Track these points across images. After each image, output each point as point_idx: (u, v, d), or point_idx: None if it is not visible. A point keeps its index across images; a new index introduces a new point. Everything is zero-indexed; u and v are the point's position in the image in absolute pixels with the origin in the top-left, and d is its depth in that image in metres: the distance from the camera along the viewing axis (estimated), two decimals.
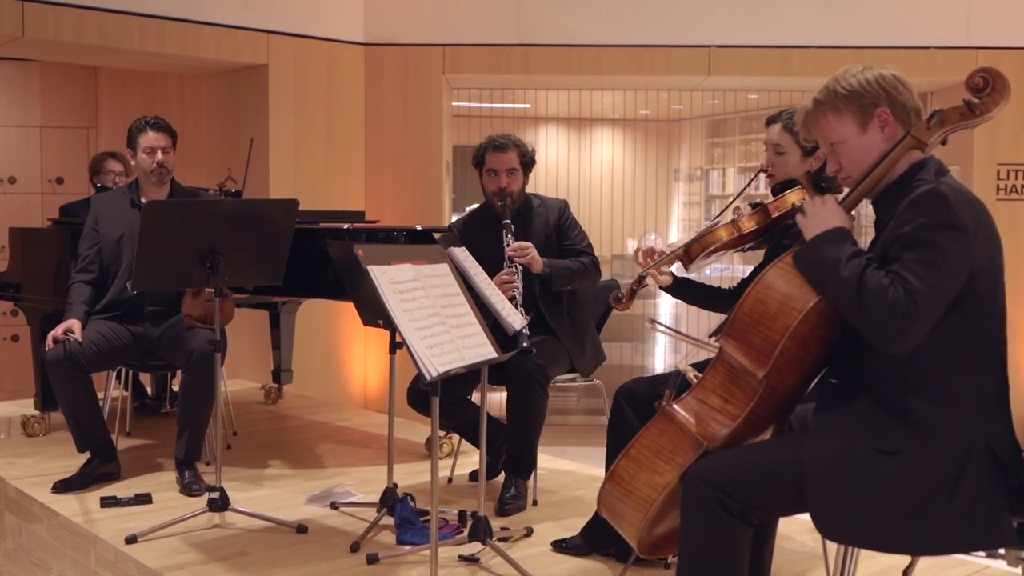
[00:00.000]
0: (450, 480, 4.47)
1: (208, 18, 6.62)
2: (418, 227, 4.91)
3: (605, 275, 4.58)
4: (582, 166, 11.34)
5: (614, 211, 10.69)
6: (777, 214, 2.91)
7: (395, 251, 2.85)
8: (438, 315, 2.78)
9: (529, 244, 4.03)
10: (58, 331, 4.14)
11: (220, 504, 3.78)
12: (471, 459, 4.52)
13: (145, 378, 6.07)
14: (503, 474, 4.19)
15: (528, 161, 4.21)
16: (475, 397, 4.52)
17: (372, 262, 2.67)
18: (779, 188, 3.01)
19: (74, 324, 4.17)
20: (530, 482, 4.14)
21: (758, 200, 3.01)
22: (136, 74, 8.33)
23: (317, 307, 6.54)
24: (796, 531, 3.79)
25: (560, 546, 3.57)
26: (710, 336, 2.35)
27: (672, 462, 2.31)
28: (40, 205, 8.56)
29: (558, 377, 4.24)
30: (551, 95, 9.86)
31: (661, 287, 3.26)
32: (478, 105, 9.80)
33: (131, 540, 3.57)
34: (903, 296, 2.07)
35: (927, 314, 2.10)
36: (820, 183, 3.02)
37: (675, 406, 2.37)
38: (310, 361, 7.00)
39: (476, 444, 4.31)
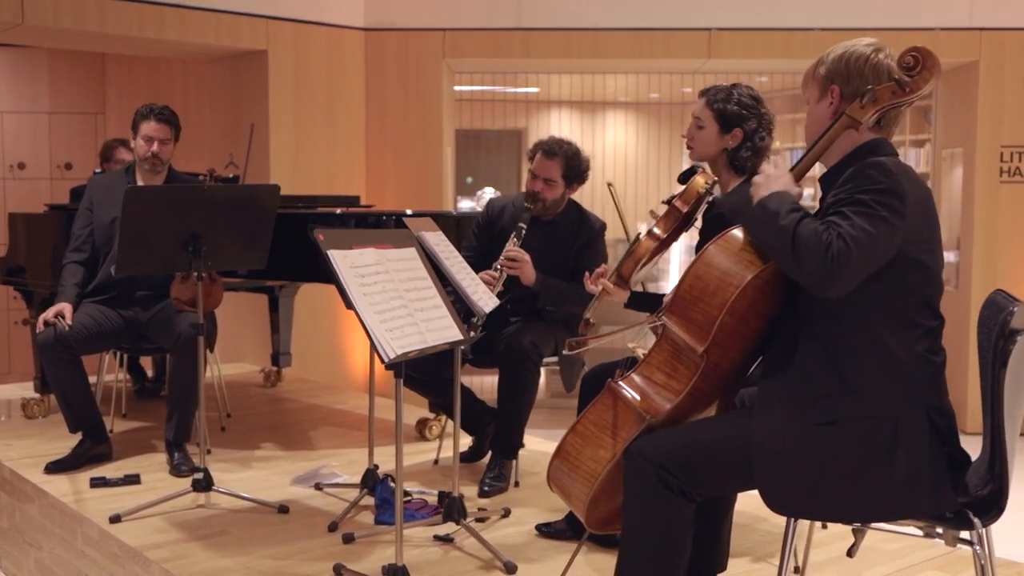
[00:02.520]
0: (436, 461, 4.51)
1: (207, 4, 6.68)
2: (408, 212, 4.96)
3: (611, 257, 4.58)
4: (592, 149, 11.35)
5: (624, 195, 10.70)
6: (687, 208, 2.94)
7: (358, 235, 2.88)
8: (401, 298, 2.82)
9: (525, 259, 3.98)
10: (49, 314, 4.21)
11: (204, 485, 3.84)
12: (462, 441, 4.56)
13: (145, 361, 6.16)
14: (489, 455, 4.24)
15: (574, 175, 4.11)
16: (475, 382, 4.57)
17: (332, 246, 2.71)
18: (683, 178, 3.03)
19: (65, 308, 4.24)
20: (515, 464, 4.18)
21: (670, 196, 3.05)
22: (142, 61, 8.40)
23: (319, 291, 6.60)
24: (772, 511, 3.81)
25: (543, 530, 3.60)
26: (656, 314, 2.38)
27: (617, 436, 2.36)
28: (49, 191, 8.66)
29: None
30: (561, 79, 9.87)
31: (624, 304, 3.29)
32: (489, 88, 9.83)
33: (115, 519, 3.65)
34: (835, 238, 2.11)
35: (859, 261, 2.12)
36: (735, 161, 3.07)
37: (620, 382, 2.41)
38: (312, 345, 7.07)
39: (463, 424, 4.38)
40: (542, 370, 4.20)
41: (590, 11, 7.32)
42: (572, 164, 4.09)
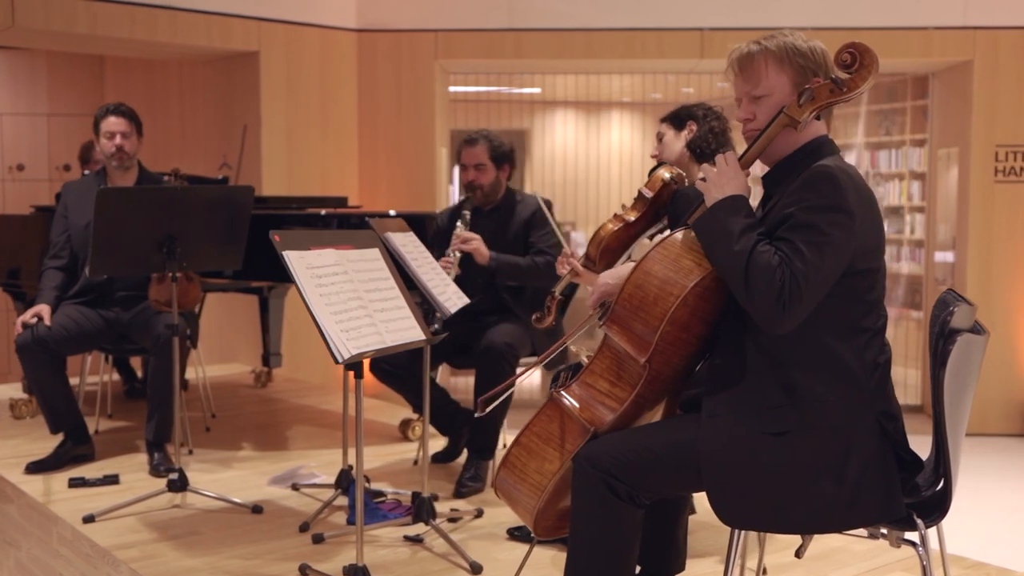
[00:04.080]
0: (416, 462, 4.51)
1: (199, 6, 6.70)
2: (391, 212, 4.98)
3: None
4: (594, 150, 11.34)
5: (623, 195, 10.68)
6: (652, 193, 3.00)
7: (318, 236, 2.89)
8: (359, 299, 2.82)
9: (474, 236, 4.10)
10: (27, 316, 4.24)
11: (179, 485, 3.85)
12: (440, 441, 4.58)
13: (136, 361, 6.18)
14: (465, 455, 4.25)
15: (500, 155, 4.27)
16: (457, 383, 4.58)
17: (289, 247, 2.71)
18: (651, 172, 3.14)
19: (43, 309, 4.26)
20: (491, 463, 4.18)
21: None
22: (140, 63, 8.44)
23: None
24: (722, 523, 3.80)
25: (515, 534, 3.59)
26: (599, 319, 2.37)
27: (561, 449, 2.34)
28: (48, 192, 8.70)
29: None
30: (557, 79, 9.85)
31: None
32: (491, 89, 9.81)
33: (88, 519, 3.66)
34: (789, 278, 2.08)
35: (809, 298, 2.11)
36: (696, 149, 3.14)
37: (562, 392, 2.38)
38: (304, 345, 7.05)
39: (436, 424, 4.39)
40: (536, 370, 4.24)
41: (582, 11, 7.31)
42: (495, 145, 4.26)
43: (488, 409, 2.59)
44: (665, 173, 3.11)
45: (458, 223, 4.16)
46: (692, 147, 3.21)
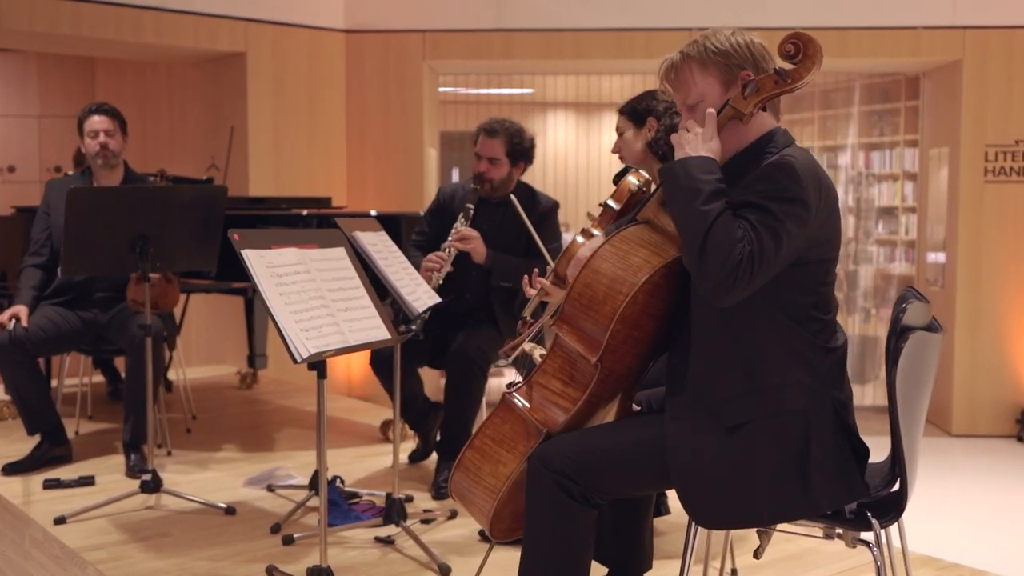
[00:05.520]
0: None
1: (185, 6, 6.69)
2: (372, 213, 4.96)
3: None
4: (583, 151, 11.31)
5: None
6: (620, 205, 2.94)
7: (280, 235, 2.86)
8: (322, 298, 2.80)
9: (473, 234, 3.97)
10: (3, 317, 4.22)
11: (152, 486, 3.83)
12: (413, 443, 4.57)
13: (121, 362, 6.16)
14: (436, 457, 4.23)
15: (518, 151, 4.07)
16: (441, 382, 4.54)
17: (248, 246, 2.69)
18: (616, 179, 3.07)
19: (20, 310, 4.24)
20: None
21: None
22: (130, 65, 8.43)
23: None
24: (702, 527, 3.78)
25: (486, 535, 3.57)
26: (551, 318, 2.34)
27: (514, 451, 2.31)
28: (38, 194, 8.66)
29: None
30: (552, 80, 9.83)
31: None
32: (483, 91, 9.79)
33: (60, 521, 3.64)
34: (747, 256, 2.03)
35: (758, 279, 2.07)
36: (659, 149, 3.08)
37: (514, 393, 2.36)
38: None
39: (411, 421, 4.37)
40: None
41: (571, 11, 7.29)
42: (515, 141, 4.05)
43: (514, 356, 2.64)
44: (633, 181, 3.04)
45: (460, 218, 4.01)
46: (654, 147, 3.14)
